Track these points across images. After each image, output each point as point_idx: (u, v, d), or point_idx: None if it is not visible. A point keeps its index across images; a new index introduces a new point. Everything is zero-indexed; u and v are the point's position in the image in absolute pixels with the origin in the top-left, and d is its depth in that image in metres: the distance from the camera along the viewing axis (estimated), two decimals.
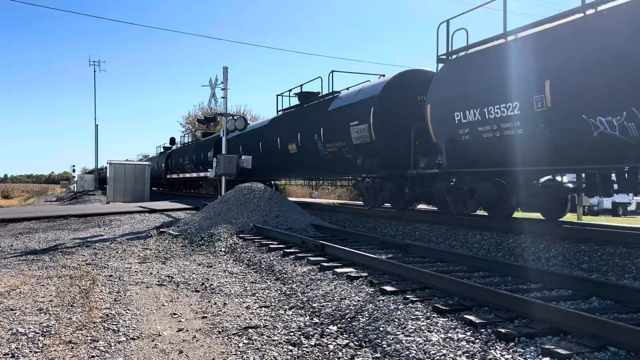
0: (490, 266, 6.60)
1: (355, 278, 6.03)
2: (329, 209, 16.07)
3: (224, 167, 16.91)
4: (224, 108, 18.09)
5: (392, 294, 5.22)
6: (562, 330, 3.87)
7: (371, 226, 12.35)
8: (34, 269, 7.33)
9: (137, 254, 8.83)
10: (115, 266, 7.58)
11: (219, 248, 9.18)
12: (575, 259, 7.39)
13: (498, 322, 4.15)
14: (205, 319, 4.86)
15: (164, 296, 5.76)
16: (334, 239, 9.61)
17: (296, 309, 5.10)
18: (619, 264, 6.89)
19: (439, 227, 10.71)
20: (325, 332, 4.33)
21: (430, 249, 8.00)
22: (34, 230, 12.12)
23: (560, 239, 8.20)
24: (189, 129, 56.22)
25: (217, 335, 4.34)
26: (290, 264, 7.29)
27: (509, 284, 5.77)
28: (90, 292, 5.82)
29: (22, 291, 5.86)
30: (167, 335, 4.34)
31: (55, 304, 5.28)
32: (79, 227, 12.73)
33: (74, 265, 7.59)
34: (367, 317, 4.59)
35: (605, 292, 5.12)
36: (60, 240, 10.33)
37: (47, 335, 4.25)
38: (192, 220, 12.28)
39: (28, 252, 8.85)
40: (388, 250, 8.31)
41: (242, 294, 5.86)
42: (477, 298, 4.76)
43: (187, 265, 7.68)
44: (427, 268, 6.42)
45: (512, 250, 8.32)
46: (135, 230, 11.99)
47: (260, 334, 4.34)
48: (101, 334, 4.32)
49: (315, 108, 17.18)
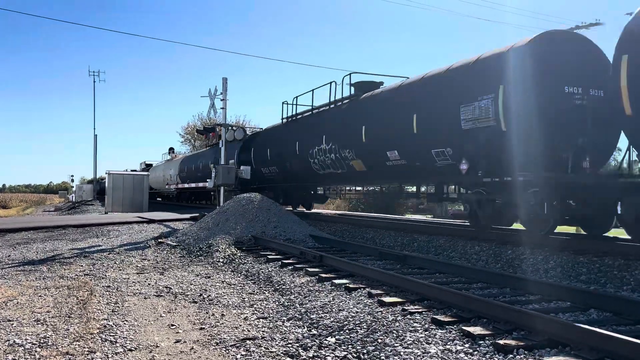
0: (489, 278, 6.60)
1: (354, 289, 6.02)
2: (327, 220, 16.06)
3: (222, 177, 16.92)
4: (223, 119, 18.14)
5: (390, 306, 5.22)
6: (560, 342, 3.87)
7: (370, 237, 12.34)
8: (31, 279, 7.30)
9: (135, 264, 8.81)
10: (113, 277, 7.56)
11: (217, 259, 9.16)
12: (573, 270, 7.39)
13: (497, 334, 4.14)
14: (203, 330, 4.84)
15: (162, 307, 5.74)
16: (332, 250, 9.60)
17: (294, 321, 5.09)
18: (617, 275, 6.89)
19: (437, 238, 10.70)
20: (323, 343, 4.32)
21: (429, 260, 8.00)
22: (32, 241, 12.09)
23: (558, 251, 8.20)
24: (187, 139, 56.33)
25: (215, 347, 4.32)
26: (289, 274, 7.27)
27: (508, 296, 5.77)
28: (87, 303, 5.80)
29: (20, 302, 5.84)
30: (165, 347, 4.33)
31: (52, 315, 5.26)
32: (77, 238, 12.70)
33: (71, 276, 7.57)
34: (365, 328, 4.58)
35: (603, 303, 5.12)
36: (58, 251, 10.30)
37: (44, 347, 4.23)
38: (190, 230, 12.26)
39: (26, 263, 8.82)
40: (386, 261, 8.31)
41: (240, 305, 5.84)
42: (476, 310, 4.75)
43: (185, 276, 7.66)
44: (425, 279, 6.41)
45: (510, 262, 8.32)
46: (134, 241, 11.96)
47: (258, 345, 4.32)
48: (98, 345, 4.30)
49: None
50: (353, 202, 31.84)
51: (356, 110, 14.37)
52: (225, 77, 17.62)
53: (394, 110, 12.36)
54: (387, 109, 12.72)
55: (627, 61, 7.34)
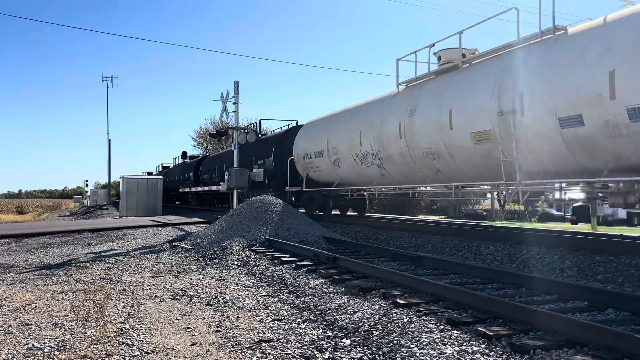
0: (504, 278, 6.55)
1: (368, 291, 6.01)
2: (340, 222, 16.05)
3: (235, 180, 17.00)
4: (235, 122, 18.22)
5: (405, 307, 5.20)
6: (578, 342, 3.83)
7: (383, 238, 12.31)
8: (48, 283, 7.39)
9: (150, 268, 8.88)
10: (129, 280, 7.62)
11: (231, 261, 9.20)
12: (590, 269, 7.31)
13: (513, 335, 4.11)
14: (219, 332, 4.86)
15: (178, 310, 5.78)
16: (346, 252, 9.59)
17: (309, 322, 5.09)
18: (635, 274, 6.80)
19: (451, 238, 10.65)
20: (338, 345, 4.32)
21: (443, 260, 7.96)
22: (49, 245, 12.23)
23: (574, 250, 8.12)
24: (200, 142, 56.65)
25: (231, 349, 4.34)
26: (303, 277, 7.28)
27: (524, 296, 5.72)
28: (104, 307, 5.85)
29: (37, 306, 5.91)
30: (181, 349, 4.35)
31: (70, 319, 5.32)
32: (92, 242, 12.83)
33: (88, 280, 7.65)
34: (380, 330, 4.57)
35: (621, 303, 5.06)
36: (74, 255, 10.41)
37: (62, 350, 4.28)
38: (204, 233, 12.33)
39: (43, 267, 8.93)
40: (401, 262, 8.28)
41: (255, 307, 5.86)
42: (491, 310, 4.72)
43: (200, 279, 7.70)
44: (440, 280, 6.38)
45: (526, 262, 8.25)
46: (148, 245, 12.06)
47: (273, 347, 4.33)
48: (116, 348, 4.34)
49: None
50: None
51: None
52: (237, 81, 17.73)
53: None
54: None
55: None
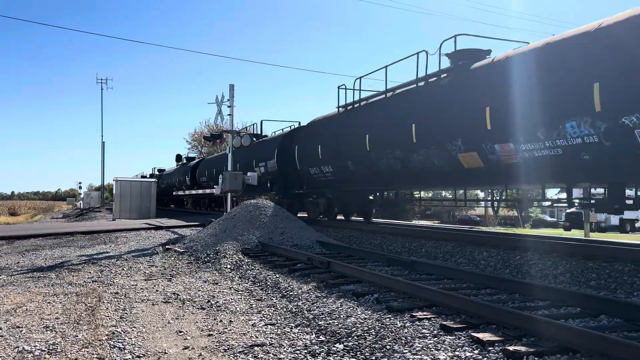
0: (498, 283, 6.55)
1: (362, 295, 6.00)
2: (334, 226, 16.04)
3: (229, 184, 16.96)
4: (230, 125, 18.19)
5: (398, 312, 5.19)
6: (571, 348, 3.83)
7: (377, 243, 12.30)
8: (40, 286, 7.33)
9: (143, 271, 8.83)
10: (121, 283, 7.58)
11: (224, 265, 9.16)
12: (583, 276, 7.33)
13: (506, 341, 4.11)
14: (211, 336, 4.84)
15: (170, 313, 5.74)
16: (339, 256, 9.58)
17: (302, 327, 5.07)
18: (628, 281, 6.83)
19: (445, 244, 10.66)
20: (331, 350, 4.30)
21: (437, 266, 7.95)
22: (41, 247, 12.15)
23: (567, 256, 8.14)
24: (194, 145, 56.51)
25: (223, 354, 4.31)
26: (296, 281, 7.26)
27: (517, 302, 5.73)
28: (96, 310, 5.81)
29: (29, 308, 5.86)
30: (173, 353, 4.33)
31: (61, 322, 5.28)
32: (85, 244, 12.75)
33: (80, 283, 7.60)
34: (373, 335, 4.56)
35: (614, 309, 5.07)
36: (67, 257, 10.34)
37: (53, 353, 4.24)
38: (197, 237, 12.28)
39: (34, 269, 8.86)
40: (394, 267, 8.28)
41: (248, 311, 5.83)
42: (485, 316, 4.72)
43: (193, 283, 7.67)
44: (433, 285, 6.38)
45: (519, 267, 8.27)
46: (141, 247, 12.00)
47: (266, 352, 4.31)
48: (107, 351, 4.31)
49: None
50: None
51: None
52: (232, 84, 17.72)
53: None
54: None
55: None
